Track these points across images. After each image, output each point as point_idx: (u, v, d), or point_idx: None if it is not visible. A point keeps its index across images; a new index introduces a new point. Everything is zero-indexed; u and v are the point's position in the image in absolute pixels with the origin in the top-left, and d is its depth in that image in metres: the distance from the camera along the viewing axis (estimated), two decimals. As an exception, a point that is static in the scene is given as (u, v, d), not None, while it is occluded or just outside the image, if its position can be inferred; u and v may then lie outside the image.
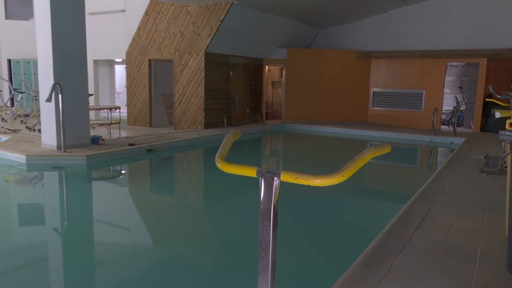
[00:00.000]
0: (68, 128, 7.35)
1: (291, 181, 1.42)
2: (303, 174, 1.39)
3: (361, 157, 1.41)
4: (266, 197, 1.46)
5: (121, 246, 4.03)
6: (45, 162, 6.91)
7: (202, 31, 10.32)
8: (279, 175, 1.43)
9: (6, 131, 9.36)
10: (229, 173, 1.57)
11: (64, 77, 7.31)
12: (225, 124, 11.33)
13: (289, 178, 1.41)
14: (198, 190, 6.57)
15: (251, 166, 1.52)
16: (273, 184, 1.45)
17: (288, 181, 1.43)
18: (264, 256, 1.46)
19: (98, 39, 12.00)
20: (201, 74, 10.43)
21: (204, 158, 9.25)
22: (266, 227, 1.46)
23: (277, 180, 1.45)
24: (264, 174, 1.46)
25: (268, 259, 1.45)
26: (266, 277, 1.46)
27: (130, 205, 5.64)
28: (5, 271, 3.36)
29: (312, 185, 1.39)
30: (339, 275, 2.77)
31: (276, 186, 1.46)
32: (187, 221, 4.82)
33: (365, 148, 1.50)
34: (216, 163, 1.62)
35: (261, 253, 1.47)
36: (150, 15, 11.02)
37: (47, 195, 6.01)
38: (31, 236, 4.37)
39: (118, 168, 7.45)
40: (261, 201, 1.48)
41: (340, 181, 1.36)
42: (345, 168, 1.37)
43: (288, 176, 1.41)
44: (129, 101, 11.64)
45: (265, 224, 1.46)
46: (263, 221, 1.47)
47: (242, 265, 3.54)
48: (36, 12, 7.50)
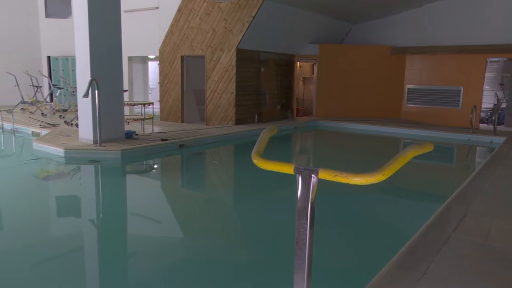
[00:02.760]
0: (104, 123, 7.55)
1: (329, 178, 1.39)
2: (341, 172, 1.36)
3: (403, 156, 1.36)
4: (303, 194, 1.44)
5: (152, 239, 4.11)
6: (82, 155, 7.13)
7: (234, 28, 10.34)
8: (317, 172, 1.41)
9: (46, 126, 9.71)
10: (266, 169, 1.55)
11: (101, 73, 7.50)
12: (256, 120, 11.33)
13: (327, 175, 1.39)
14: (228, 186, 6.61)
15: (288, 163, 1.50)
16: (310, 181, 1.43)
17: (326, 179, 1.40)
18: (300, 254, 1.44)
19: (132, 36, 12.25)
20: (233, 71, 10.46)
21: (234, 154, 9.29)
22: (303, 225, 1.44)
23: (315, 178, 1.43)
24: (302, 171, 1.44)
25: (304, 258, 1.43)
26: (302, 276, 1.44)
27: (162, 198, 5.74)
28: (43, 260, 3.49)
29: (351, 183, 1.35)
30: (373, 275, 2.71)
31: (313, 183, 1.43)
32: (218, 216, 4.86)
33: (407, 146, 1.45)
34: (253, 159, 1.60)
35: (297, 252, 1.45)
36: (183, 12, 11.15)
37: (83, 188, 6.20)
38: (69, 227, 4.52)
39: (151, 163, 7.60)
40: (298, 199, 1.46)
41: (380, 180, 1.32)
42: (386, 166, 1.33)
43: (326, 174, 1.39)
44: (161, 97, 11.83)
45: (302, 222, 1.44)
46: (300, 219, 1.45)
47: (274, 262, 3.53)
48: (74, 10, 7.73)
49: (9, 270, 3.26)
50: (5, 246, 3.78)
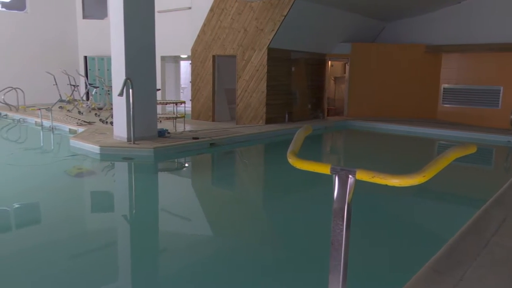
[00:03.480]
0: (138, 121, 7.72)
1: (367, 179, 1.36)
2: (380, 173, 1.33)
3: (445, 157, 1.32)
4: (339, 195, 1.42)
5: (183, 236, 4.16)
6: (116, 153, 7.32)
7: (265, 27, 10.34)
8: (354, 173, 1.38)
9: (82, 123, 10.04)
10: (301, 169, 1.54)
11: (135, 72, 7.68)
12: (286, 119, 11.29)
13: (365, 176, 1.36)
14: (259, 185, 6.62)
15: (324, 163, 1.48)
16: (347, 182, 1.40)
17: (364, 180, 1.37)
18: (336, 255, 1.42)
19: (165, 36, 12.46)
20: (263, 70, 10.47)
21: (265, 153, 9.30)
22: (339, 226, 1.42)
23: (352, 178, 1.40)
24: (339, 172, 1.42)
25: (340, 259, 1.41)
26: (337, 278, 1.42)
27: (193, 196, 5.82)
28: (78, 254, 3.60)
29: (389, 184, 1.32)
30: (407, 279, 2.64)
31: (351, 184, 1.41)
32: (248, 215, 4.87)
33: (449, 148, 1.40)
34: (288, 158, 1.60)
35: (333, 253, 1.43)
36: (215, 11, 11.24)
37: (117, 184, 6.36)
38: (103, 222, 4.66)
39: (183, 160, 7.71)
40: (335, 199, 1.44)
41: (421, 182, 1.29)
42: (427, 168, 1.29)
43: (364, 175, 1.36)
44: (193, 96, 11.99)
45: (338, 223, 1.42)
46: (336, 220, 1.43)
47: (305, 262, 3.51)
48: (111, 12, 7.94)
49: (48, 262, 3.39)
50: (43, 239, 3.92)
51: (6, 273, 3.18)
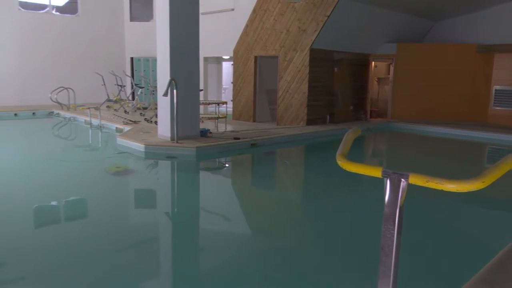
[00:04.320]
0: (181, 121, 7.89)
1: (421, 184, 1.31)
2: (434, 178, 1.28)
3: (505, 162, 1.25)
4: (391, 199, 1.38)
5: (222, 234, 4.20)
6: (160, 151, 7.52)
7: (308, 27, 10.27)
8: (407, 177, 1.34)
9: (128, 122, 10.39)
10: (351, 171, 1.51)
11: (179, 73, 7.86)
12: (328, 121, 11.15)
13: (418, 180, 1.31)
14: (299, 186, 6.57)
15: (375, 166, 1.45)
16: (399, 186, 1.36)
17: (417, 184, 1.33)
18: (386, 261, 1.38)
19: (208, 37, 12.67)
20: (305, 71, 10.40)
21: (306, 154, 9.23)
22: (390, 230, 1.38)
23: (405, 182, 1.36)
24: (390, 175, 1.38)
25: (390, 265, 1.37)
26: (387, 283, 1.38)
27: (233, 195, 5.86)
28: (120, 249, 3.73)
29: (445, 189, 1.27)
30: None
31: (403, 188, 1.37)
32: (288, 216, 4.85)
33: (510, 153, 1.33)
34: (338, 161, 1.57)
35: (383, 258, 1.39)
36: (257, 12, 11.30)
37: (160, 182, 6.53)
38: (145, 218, 4.80)
39: (224, 160, 7.80)
40: (386, 203, 1.40)
41: (479, 188, 1.22)
42: (487, 173, 1.22)
43: (417, 179, 1.31)
44: (234, 96, 12.10)
45: (389, 228, 1.38)
46: (387, 224, 1.39)
47: (347, 266, 3.45)
48: (157, 14, 8.16)
49: (91, 255, 3.53)
50: (88, 233, 4.09)
51: (52, 263, 3.34)
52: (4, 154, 7.87)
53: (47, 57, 14.71)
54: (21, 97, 14.17)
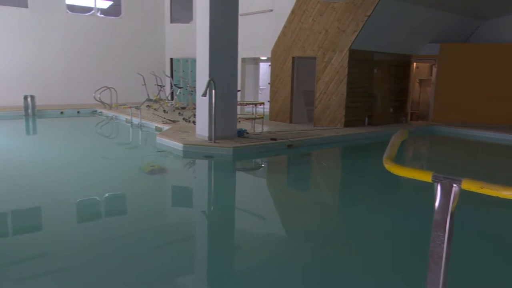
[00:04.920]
0: (219, 121, 7.98)
1: (475, 190, 1.25)
2: (489, 184, 1.22)
3: None
4: (442, 205, 1.33)
5: (256, 234, 4.20)
6: (198, 151, 7.63)
7: (347, 28, 10.11)
8: (460, 182, 1.29)
9: (167, 122, 10.62)
10: (400, 175, 1.47)
11: (218, 74, 7.95)
12: (366, 123, 10.94)
13: (472, 186, 1.26)
14: (336, 188, 6.48)
15: (425, 170, 1.40)
16: (451, 191, 1.31)
17: (470, 190, 1.27)
18: (435, 269, 1.33)
19: (246, 38, 12.74)
20: (344, 72, 10.25)
21: (343, 156, 9.09)
22: (440, 237, 1.32)
23: (457, 188, 1.30)
24: (442, 180, 1.33)
25: (439, 273, 1.32)
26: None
27: (269, 196, 5.86)
28: (156, 245, 3.80)
29: (500, 196, 1.21)
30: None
31: (455, 193, 1.31)
32: (325, 219, 4.79)
33: None
34: (385, 164, 1.53)
35: (432, 266, 1.34)
36: (296, 13, 11.25)
37: (198, 181, 6.63)
38: (181, 216, 4.88)
39: (260, 161, 7.81)
40: (436, 209, 1.35)
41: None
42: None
43: (471, 184, 1.26)
44: (271, 97, 12.10)
45: (439, 235, 1.33)
46: (437, 231, 1.34)
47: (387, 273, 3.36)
48: (197, 15, 8.29)
49: (128, 250, 3.63)
50: (125, 228, 4.21)
51: (91, 256, 3.46)
52: (50, 150, 8.25)
53: (91, 58, 15.29)
54: (67, 96, 14.79)
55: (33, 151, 8.29)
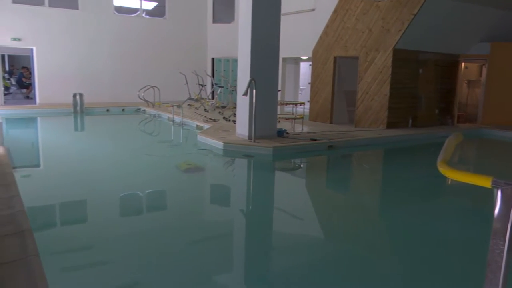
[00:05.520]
0: (259, 121, 8.00)
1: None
2: (557, 191, 1.14)
3: None
4: (502, 212, 1.26)
5: (292, 235, 4.17)
6: (238, 150, 7.69)
7: (392, 27, 9.85)
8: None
9: (208, 120, 10.77)
10: (456, 180, 1.41)
11: (259, 73, 7.97)
12: (410, 124, 10.62)
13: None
14: (377, 191, 6.31)
15: (483, 175, 1.33)
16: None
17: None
18: (492, 279, 1.26)
19: (287, 38, 12.69)
20: (387, 72, 9.99)
21: (385, 158, 8.87)
22: (499, 246, 1.25)
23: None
24: (502, 186, 1.26)
25: (497, 283, 1.25)
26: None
27: (307, 197, 5.80)
28: (193, 241, 3.86)
29: None
30: None
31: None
32: (363, 222, 4.68)
33: None
34: (439, 167, 1.47)
35: (489, 275, 1.28)
36: (338, 12, 11.08)
37: (237, 179, 6.67)
38: (219, 214, 4.94)
39: (300, 161, 7.76)
40: (496, 216, 1.28)
41: None
42: None
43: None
44: (312, 97, 11.99)
45: (498, 243, 1.26)
46: (496, 239, 1.27)
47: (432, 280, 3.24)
48: (240, 15, 8.35)
49: (166, 245, 3.70)
50: (164, 225, 4.30)
51: (131, 250, 3.56)
52: (96, 146, 8.59)
53: (136, 58, 15.78)
54: (113, 94, 15.35)
55: (81, 147, 8.66)
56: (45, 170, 6.74)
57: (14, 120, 11.85)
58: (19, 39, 13.66)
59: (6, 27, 13.39)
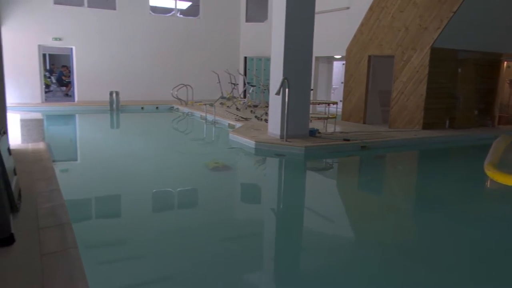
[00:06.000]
0: (291, 120, 7.96)
1: None
2: None
3: None
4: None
5: (322, 236, 4.12)
6: (270, 148, 7.67)
7: (430, 25, 9.55)
8: None
9: (240, 119, 10.81)
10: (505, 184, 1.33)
11: (292, 73, 7.92)
12: (447, 125, 10.28)
13: None
14: (411, 194, 6.13)
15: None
16: None
17: None
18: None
19: (320, 37, 12.54)
20: (424, 71, 9.70)
21: (421, 160, 8.62)
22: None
23: None
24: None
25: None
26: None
27: (339, 198, 5.72)
28: (223, 238, 3.88)
29: None
30: None
31: None
32: (396, 225, 4.56)
33: None
34: (486, 170, 1.41)
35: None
36: (374, 10, 10.86)
37: (268, 178, 6.66)
38: (250, 212, 4.94)
39: (332, 161, 7.66)
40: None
41: None
42: None
43: None
44: (345, 96, 11.81)
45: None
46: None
47: (470, 287, 3.12)
48: (273, 14, 8.32)
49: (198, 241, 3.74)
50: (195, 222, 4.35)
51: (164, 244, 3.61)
52: (131, 143, 8.80)
53: (170, 57, 16.05)
54: (148, 92, 15.67)
55: (116, 143, 8.90)
56: (83, 165, 6.97)
57: (54, 117, 12.31)
58: (59, 38, 14.19)
59: (48, 28, 13.93)
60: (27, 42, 13.65)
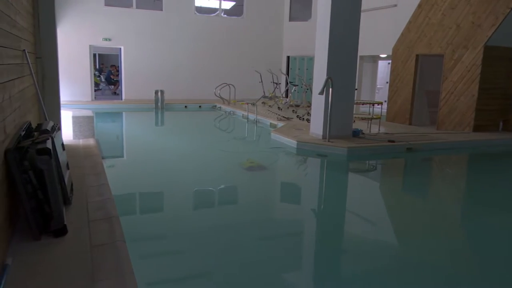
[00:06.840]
0: (334, 120, 7.83)
1: None
2: None
3: None
4: None
5: (364, 238, 4.01)
6: (311, 149, 7.60)
7: (484, 22, 9.08)
8: None
9: (281, 119, 10.78)
10: None
11: (336, 72, 7.80)
12: (501, 128, 9.74)
13: None
14: (459, 199, 5.85)
15: None
16: None
17: None
18: None
19: (366, 35, 12.27)
20: (476, 70, 9.24)
21: (471, 164, 8.21)
22: None
23: None
24: None
25: None
26: None
27: (382, 200, 5.55)
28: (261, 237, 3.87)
29: None
30: None
31: None
32: (443, 230, 4.36)
33: None
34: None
35: None
36: (423, 7, 10.47)
37: (309, 178, 6.59)
38: (290, 212, 4.91)
39: (376, 163, 7.47)
40: None
41: None
42: None
43: None
44: (390, 97, 11.48)
45: None
46: None
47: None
48: (318, 14, 8.22)
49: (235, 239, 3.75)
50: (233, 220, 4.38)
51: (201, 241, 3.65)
52: (175, 140, 9.00)
53: (214, 56, 16.28)
54: (192, 91, 15.98)
55: (160, 140, 9.14)
56: (129, 161, 7.21)
57: (102, 114, 12.83)
58: (109, 39, 14.76)
59: (99, 28, 14.53)
60: (79, 42, 14.31)
